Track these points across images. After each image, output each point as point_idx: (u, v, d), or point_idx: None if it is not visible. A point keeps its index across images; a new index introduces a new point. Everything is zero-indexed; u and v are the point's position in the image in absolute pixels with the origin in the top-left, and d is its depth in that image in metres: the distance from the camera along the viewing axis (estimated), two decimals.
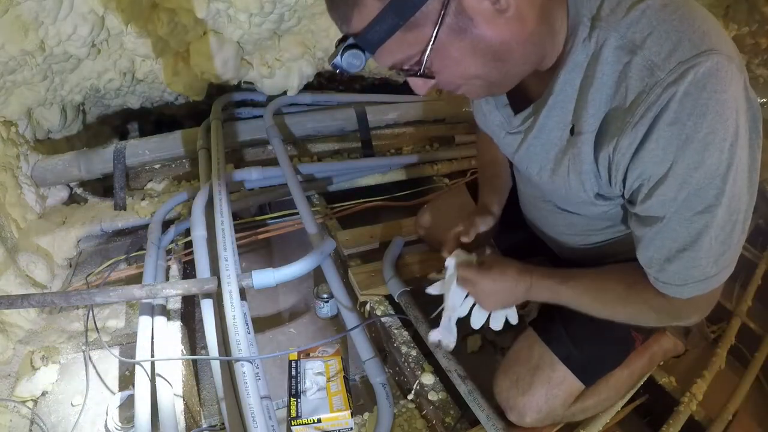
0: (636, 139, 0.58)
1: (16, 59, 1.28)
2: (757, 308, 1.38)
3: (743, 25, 2.01)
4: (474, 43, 0.56)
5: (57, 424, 0.97)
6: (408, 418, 1.01)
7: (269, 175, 1.54)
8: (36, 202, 1.50)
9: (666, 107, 0.54)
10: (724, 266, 0.63)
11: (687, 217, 0.60)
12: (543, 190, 0.83)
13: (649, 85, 0.55)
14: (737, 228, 0.61)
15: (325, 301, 1.23)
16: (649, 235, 0.64)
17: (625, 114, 0.58)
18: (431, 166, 1.81)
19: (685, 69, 0.53)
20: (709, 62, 0.53)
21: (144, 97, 1.86)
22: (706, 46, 0.53)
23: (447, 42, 0.56)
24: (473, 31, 0.55)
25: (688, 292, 0.65)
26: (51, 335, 1.16)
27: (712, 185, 0.57)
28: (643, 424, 1.07)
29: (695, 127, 0.54)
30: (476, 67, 0.59)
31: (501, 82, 0.64)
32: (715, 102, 0.53)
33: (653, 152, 0.57)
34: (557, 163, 0.71)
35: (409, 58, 0.58)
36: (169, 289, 1.00)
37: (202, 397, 1.07)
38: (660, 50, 0.55)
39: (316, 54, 1.79)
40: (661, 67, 0.54)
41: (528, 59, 0.62)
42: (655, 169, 0.58)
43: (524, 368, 0.88)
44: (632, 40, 0.56)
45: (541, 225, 0.95)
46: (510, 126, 0.76)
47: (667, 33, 0.55)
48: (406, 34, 0.55)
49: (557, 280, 0.78)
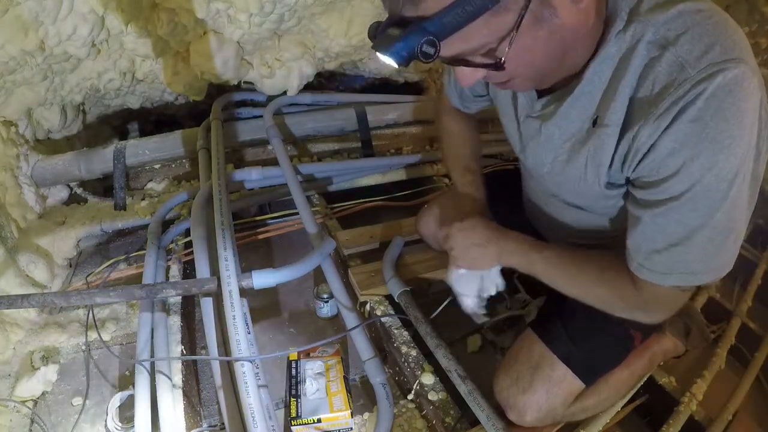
0: (657, 130, 0.58)
1: (16, 59, 1.28)
2: (757, 308, 1.38)
3: (743, 25, 2.01)
4: (551, 32, 0.56)
5: (57, 424, 0.97)
6: (408, 418, 1.01)
7: (269, 175, 1.54)
8: (36, 202, 1.50)
9: (691, 104, 0.55)
10: (712, 267, 0.64)
11: (687, 213, 0.60)
12: (551, 183, 0.83)
13: (678, 81, 0.56)
14: (732, 236, 0.62)
15: (325, 301, 1.23)
16: (644, 221, 0.64)
17: (649, 105, 0.59)
18: (431, 166, 1.81)
19: (714, 71, 0.54)
20: (738, 70, 0.54)
21: (144, 97, 1.86)
22: (736, 54, 0.54)
23: (527, 30, 0.54)
24: (553, 21, 0.55)
25: (670, 282, 0.66)
26: (51, 335, 1.16)
27: (719, 189, 0.58)
28: (643, 424, 1.07)
29: (716, 129, 0.55)
30: (544, 58, 0.59)
31: (555, 74, 0.65)
32: (737, 109, 0.54)
33: (670, 145, 0.58)
34: (574, 153, 0.71)
35: (483, 46, 0.56)
36: (169, 289, 1.00)
37: (202, 396, 1.07)
38: (692, 49, 0.55)
39: (316, 54, 1.79)
40: (692, 65, 0.55)
41: (584, 52, 0.62)
42: (669, 161, 0.59)
43: (524, 367, 0.88)
44: (666, 36, 0.57)
45: (546, 223, 0.95)
46: (532, 110, 0.76)
47: (700, 35, 0.56)
48: (491, 18, 0.52)
49: (531, 246, 0.79)
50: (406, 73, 2.18)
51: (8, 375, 1.07)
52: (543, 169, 0.79)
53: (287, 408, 0.97)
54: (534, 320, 0.97)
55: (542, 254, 0.78)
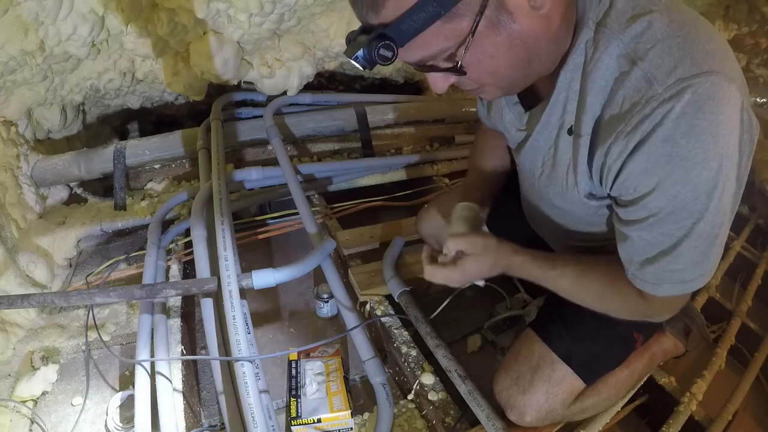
0: (627, 148, 0.59)
1: (16, 59, 1.28)
2: (757, 308, 1.38)
3: (743, 25, 2.02)
4: (510, 38, 0.56)
5: (57, 424, 0.97)
6: (408, 418, 1.00)
7: (269, 175, 1.54)
8: (36, 202, 1.50)
9: (660, 124, 0.55)
10: (701, 274, 0.65)
11: (670, 227, 0.61)
12: (542, 188, 0.83)
13: (645, 98, 0.55)
14: (717, 241, 0.62)
15: (325, 301, 1.23)
16: (631, 237, 0.65)
17: (618, 122, 0.59)
18: (431, 166, 1.81)
19: (683, 87, 0.53)
20: (708, 83, 0.53)
21: (144, 97, 1.86)
22: (708, 66, 0.53)
23: (484, 36, 0.55)
24: (511, 26, 0.55)
25: (663, 291, 0.67)
26: (51, 335, 1.16)
27: (698, 201, 0.58)
28: (643, 424, 1.07)
29: (687, 147, 0.55)
30: (506, 65, 0.59)
31: (521, 82, 0.65)
32: (708, 124, 0.54)
33: (643, 164, 0.58)
34: (557, 160, 0.72)
35: (442, 51, 0.57)
36: (169, 289, 1.00)
37: (202, 397, 1.07)
38: (661, 64, 0.55)
39: (316, 54, 1.79)
40: (660, 82, 0.54)
41: (550, 59, 0.62)
42: (644, 180, 0.59)
43: (525, 367, 0.88)
44: (635, 50, 0.56)
45: (543, 226, 0.95)
46: (520, 123, 0.77)
47: (670, 48, 0.55)
48: (444, 25, 0.53)
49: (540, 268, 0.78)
50: (406, 73, 2.18)
51: (8, 375, 1.07)
52: (535, 175, 0.80)
53: (287, 408, 0.97)
54: (534, 320, 0.97)
55: (555, 270, 0.77)
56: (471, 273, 0.79)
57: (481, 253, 0.78)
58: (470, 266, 0.78)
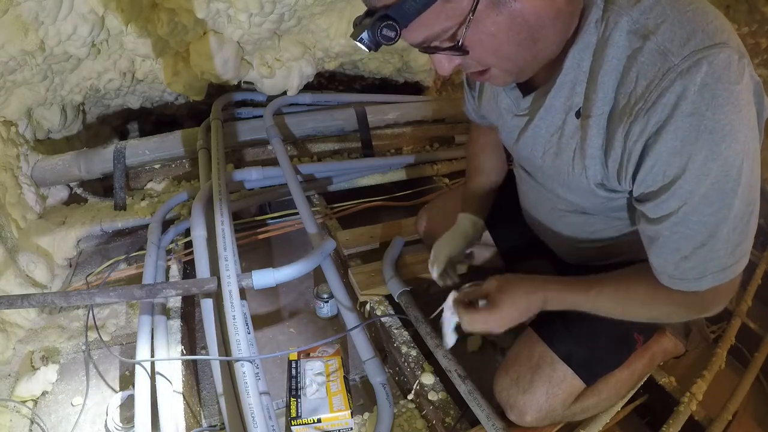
0: (648, 125, 0.57)
1: (16, 59, 1.28)
2: (757, 308, 1.38)
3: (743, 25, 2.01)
4: (512, 17, 0.56)
5: (57, 424, 0.97)
6: (408, 418, 1.00)
7: (269, 175, 1.54)
8: (36, 202, 1.50)
9: (683, 97, 0.54)
10: (741, 256, 0.63)
11: (704, 212, 0.59)
12: (545, 178, 0.82)
13: (662, 71, 0.55)
14: (753, 218, 0.61)
15: (325, 301, 1.23)
16: (664, 235, 0.63)
17: (637, 99, 0.58)
18: (431, 166, 1.81)
19: (699, 58, 0.53)
20: (723, 54, 0.53)
21: (144, 97, 1.86)
22: (719, 39, 0.54)
23: (485, 15, 0.55)
24: (512, 5, 0.55)
25: (706, 284, 0.64)
26: (51, 335, 1.16)
27: (730, 177, 0.57)
28: (643, 424, 1.07)
29: (714, 118, 0.54)
30: (510, 44, 0.59)
31: (529, 65, 0.64)
32: (729, 94, 0.53)
33: (671, 143, 0.57)
34: (562, 145, 0.70)
35: (444, 31, 0.57)
36: (169, 289, 1.00)
37: (202, 397, 1.07)
38: (674, 37, 0.55)
39: (316, 54, 1.79)
40: (675, 54, 0.54)
41: (557, 38, 0.62)
42: (673, 161, 0.58)
43: (525, 367, 0.88)
44: (645, 25, 0.56)
45: (543, 225, 0.95)
46: (518, 108, 0.76)
47: (680, 22, 0.55)
48: (445, 4, 0.54)
49: (577, 292, 0.75)
50: (406, 73, 2.18)
51: (8, 375, 1.07)
52: (536, 162, 0.78)
53: (287, 408, 0.97)
54: (534, 320, 0.96)
55: (588, 295, 0.75)
56: (507, 312, 0.78)
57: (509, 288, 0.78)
58: (505, 303, 0.77)
